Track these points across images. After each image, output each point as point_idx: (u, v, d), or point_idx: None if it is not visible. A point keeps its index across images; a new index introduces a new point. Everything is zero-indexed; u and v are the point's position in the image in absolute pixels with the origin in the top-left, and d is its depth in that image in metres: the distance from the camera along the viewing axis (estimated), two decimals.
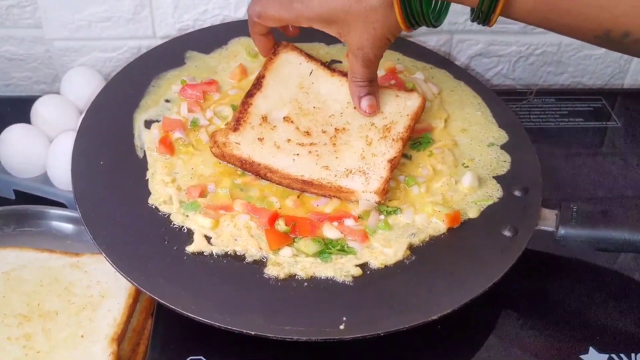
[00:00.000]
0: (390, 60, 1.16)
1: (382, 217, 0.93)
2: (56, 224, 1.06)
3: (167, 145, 0.98)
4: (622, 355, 0.90)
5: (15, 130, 1.10)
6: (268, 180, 0.96)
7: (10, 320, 0.89)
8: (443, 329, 0.90)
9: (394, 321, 0.82)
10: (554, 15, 0.79)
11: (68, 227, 1.06)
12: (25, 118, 1.14)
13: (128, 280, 0.84)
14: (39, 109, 1.14)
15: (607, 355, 0.90)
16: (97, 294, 0.93)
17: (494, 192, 0.98)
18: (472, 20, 0.87)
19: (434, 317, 0.82)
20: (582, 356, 0.89)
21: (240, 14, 1.25)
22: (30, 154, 1.09)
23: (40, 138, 1.11)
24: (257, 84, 1.05)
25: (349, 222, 0.92)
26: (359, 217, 0.92)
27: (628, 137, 1.26)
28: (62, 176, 1.06)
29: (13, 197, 1.11)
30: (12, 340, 0.87)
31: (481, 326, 0.94)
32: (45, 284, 0.93)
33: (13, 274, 0.94)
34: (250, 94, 1.03)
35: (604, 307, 0.96)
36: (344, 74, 1.06)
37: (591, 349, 0.90)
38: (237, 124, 0.99)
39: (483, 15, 0.83)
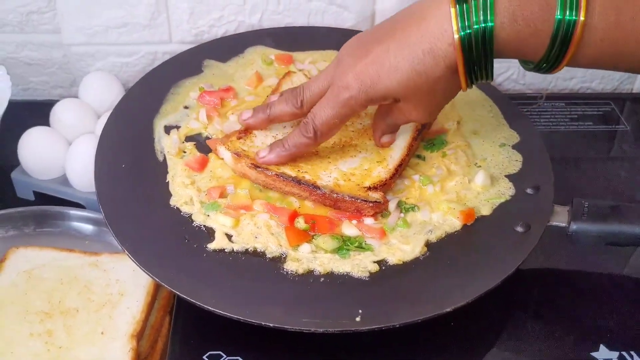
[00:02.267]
0: None
1: (401, 214, 0.95)
2: (75, 224, 1.07)
3: (201, 163, 1.00)
4: (632, 352, 0.90)
5: (35, 133, 1.12)
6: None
7: (32, 317, 0.90)
8: (456, 327, 0.91)
9: (408, 313, 0.83)
10: (621, 61, 0.83)
11: (87, 227, 1.07)
12: (43, 122, 1.16)
13: (149, 275, 0.85)
14: (58, 112, 1.16)
15: (617, 353, 0.90)
16: (116, 292, 0.94)
17: (506, 190, 0.99)
18: (530, 70, 0.87)
19: (448, 310, 0.83)
20: (593, 354, 0.90)
21: (255, 19, 1.27)
22: (50, 156, 1.11)
23: (59, 140, 1.13)
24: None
25: (368, 221, 0.93)
26: (379, 215, 0.94)
27: (637, 141, 1.27)
28: (80, 178, 1.08)
29: (33, 198, 1.13)
30: (34, 336, 0.89)
31: (493, 324, 0.95)
32: (65, 282, 0.95)
33: (34, 273, 0.96)
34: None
35: (615, 304, 0.97)
36: None
37: (602, 347, 0.91)
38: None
39: (546, 67, 0.84)
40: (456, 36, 0.80)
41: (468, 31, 0.80)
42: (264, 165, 0.96)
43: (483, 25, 0.79)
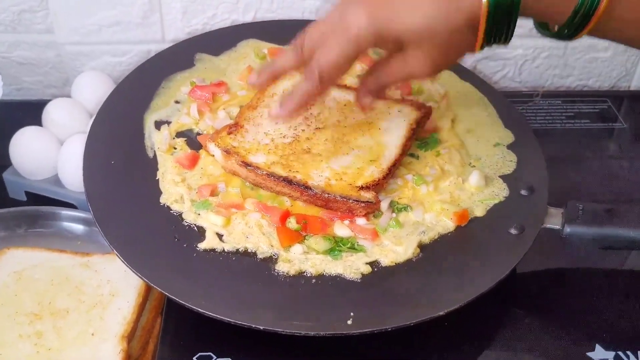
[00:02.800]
0: None
1: (393, 214, 0.94)
2: (67, 224, 1.07)
3: (192, 160, 1.00)
4: (628, 352, 0.90)
5: (27, 133, 1.11)
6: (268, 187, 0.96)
7: (22, 318, 0.90)
8: (450, 328, 0.90)
9: (401, 317, 0.82)
10: None
11: (78, 227, 1.06)
12: (37, 122, 1.15)
13: (139, 276, 0.85)
14: (50, 112, 1.15)
15: (613, 353, 0.90)
16: (107, 292, 0.93)
17: (500, 191, 0.98)
18: (550, 36, 0.84)
19: (441, 313, 0.83)
20: (588, 353, 0.90)
21: (249, 17, 1.26)
22: (42, 156, 1.10)
23: (51, 140, 1.12)
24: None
25: (360, 221, 0.93)
26: (371, 216, 0.94)
27: (634, 138, 1.27)
28: (72, 178, 1.08)
29: (24, 198, 1.12)
30: (23, 338, 0.88)
31: (488, 324, 0.94)
32: (56, 283, 0.94)
33: (24, 274, 0.95)
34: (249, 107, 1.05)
35: (610, 304, 0.96)
36: (347, 88, 1.08)
37: (597, 346, 0.90)
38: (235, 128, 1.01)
39: (569, 32, 0.81)
40: None
41: None
42: (255, 164, 0.95)
43: None
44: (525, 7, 0.79)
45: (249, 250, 0.89)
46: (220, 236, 0.90)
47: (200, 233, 0.91)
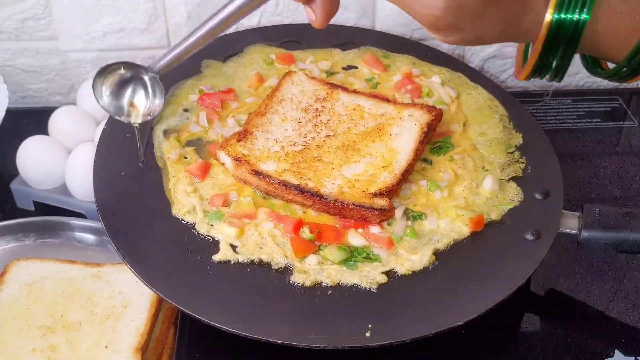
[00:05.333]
0: (407, 64, 1.17)
1: (408, 222, 0.93)
2: (76, 234, 1.06)
3: (203, 169, 0.99)
4: None
5: (34, 142, 1.10)
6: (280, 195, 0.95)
7: (35, 332, 0.89)
8: (467, 333, 0.89)
9: (419, 327, 0.82)
10: None
11: (88, 237, 1.06)
12: (42, 129, 1.14)
13: (153, 290, 0.84)
14: (56, 121, 1.14)
15: (633, 358, 0.89)
16: (120, 304, 0.93)
17: (515, 196, 0.98)
18: (603, 76, 0.83)
19: (460, 323, 0.82)
20: (607, 359, 0.89)
21: (254, 21, 1.25)
22: (49, 165, 1.10)
23: (58, 149, 1.11)
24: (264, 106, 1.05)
25: (374, 229, 0.92)
26: (385, 223, 0.93)
27: None
28: (81, 187, 1.07)
29: (32, 208, 1.12)
30: (37, 352, 0.87)
31: (505, 330, 0.94)
32: (67, 294, 0.94)
33: (35, 286, 0.95)
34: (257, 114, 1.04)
35: (629, 309, 0.96)
36: (355, 93, 1.08)
37: (617, 352, 0.90)
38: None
39: (626, 73, 0.79)
40: (547, 17, 0.74)
41: (561, 16, 0.74)
42: (266, 172, 0.95)
43: (577, 16, 0.74)
44: (590, 34, 0.75)
45: (264, 261, 0.89)
46: (234, 247, 0.90)
47: (213, 244, 0.90)
